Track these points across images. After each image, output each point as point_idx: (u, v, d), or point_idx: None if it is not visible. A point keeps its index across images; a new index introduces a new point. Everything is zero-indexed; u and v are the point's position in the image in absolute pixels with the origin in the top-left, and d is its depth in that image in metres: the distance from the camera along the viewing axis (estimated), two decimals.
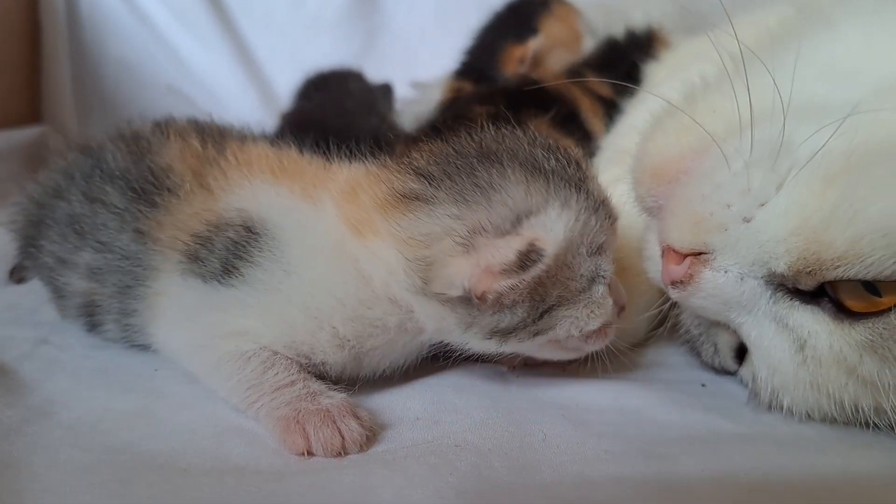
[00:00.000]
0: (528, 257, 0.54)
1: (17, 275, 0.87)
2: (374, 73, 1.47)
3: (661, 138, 0.61)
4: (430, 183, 0.59)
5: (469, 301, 0.56)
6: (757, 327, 0.56)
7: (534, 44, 1.18)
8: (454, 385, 0.67)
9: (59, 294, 0.71)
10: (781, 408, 0.57)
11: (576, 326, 0.59)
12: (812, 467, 0.53)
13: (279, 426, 0.55)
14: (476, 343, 0.60)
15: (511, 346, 0.60)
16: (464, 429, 0.59)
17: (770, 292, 0.54)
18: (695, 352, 0.67)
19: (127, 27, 1.64)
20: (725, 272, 0.55)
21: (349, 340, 0.60)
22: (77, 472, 0.51)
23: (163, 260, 0.63)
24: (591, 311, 0.59)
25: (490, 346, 0.60)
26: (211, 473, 0.51)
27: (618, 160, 0.83)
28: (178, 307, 0.62)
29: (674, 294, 0.59)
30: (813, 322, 0.53)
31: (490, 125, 0.63)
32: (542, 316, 0.58)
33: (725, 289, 0.55)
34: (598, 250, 0.59)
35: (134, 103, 1.58)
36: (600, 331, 0.61)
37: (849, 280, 0.50)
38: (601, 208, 0.59)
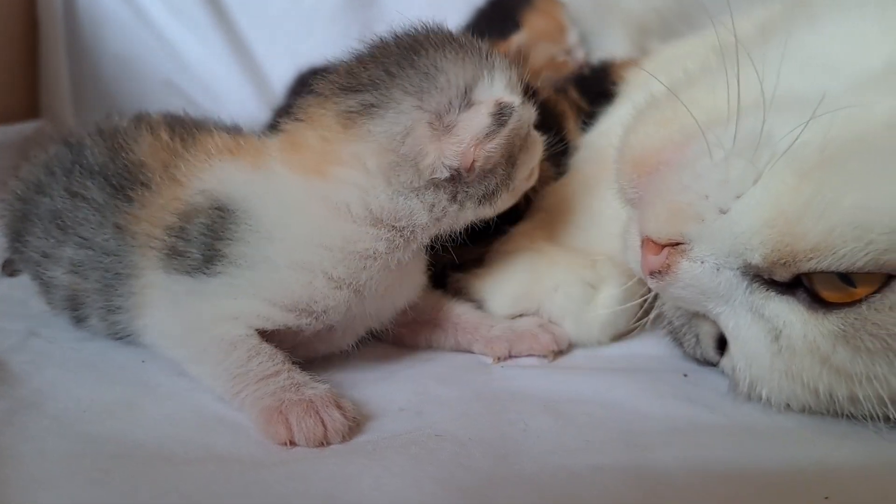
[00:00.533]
0: (501, 115, 0.60)
1: (10, 268, 0.87)
2: None
3: (643, 129, 0.61)
4: (376, 88, 0.61)
5: (457, 177, 0.62)
6: (734, 318, 0.57)
7: (517, 39, 1.17)
8: (438, 376, 0.68)
9: (45, 287, 0.71)
10: (760, 398, 0.57)
11: (527, 166, 0.68)
12: (788, 457, 0.54)
13: (262, 416, 0.56)
14: (469, 216, 0.65)
15: (497, 206, 0.67)
16: (445, 419, 0.59)
17: (746, 283, 0.55)
18: (677, 343, 0.68)
19: (124, 22, 1.64)
20: (702, 263, 0.55)
21: (345, 280, 0.62)
22: (62, 461, 0.52)
23: (142, 257, 0.63)
24: (534, 150, 0.68)
25: (481, 213, 0.66)
26: (193, 462, 0.52)
27: (595, 159, 0.84)
28: (165, 301, 0.63)
29: (652, 284, 0.59)
30: (788, 312, 0.53)
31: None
32: (513, 166, 0.66)
33: (702, 279, 0.56)
34: (522, 99, 0.65)
35: (131, 98, 1.58)
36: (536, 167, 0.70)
37: (823, 272, 0.50)
38: (511, 63, 0.66)
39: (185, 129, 0.70)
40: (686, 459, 0.53)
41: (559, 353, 0.73)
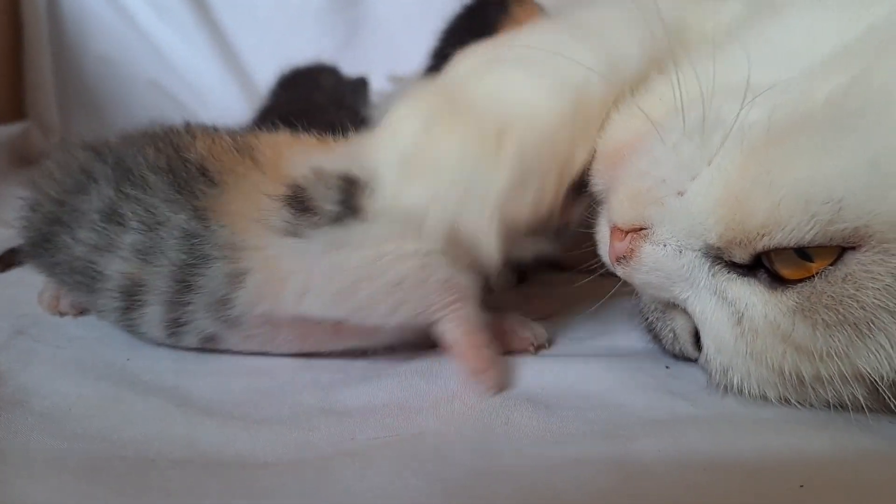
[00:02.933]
0: None
1: (3, 263, 0.87)
2: (358, 65, 1.47)
3: (613, 125, 0.63)
4: None
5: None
6: (700, 302, 0.58)
7: None
8: (421, 370, 0.68)
9: (90, 282, 0.68)
10: (732, 386, 0.58)
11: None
12: (766, 448, 0.55)
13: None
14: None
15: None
16: (428, 414, 0.60)
17: (708, 265, 0.56)
18: (655, 339, 0.69)
19: (108, 22, 1.64)
20: (664, 245, 0.57)
21: None
22: (47, 459, 0.52)
23: (244, 234, 0.63)
24: None
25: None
26: (178, 462, 0.52)
27: None
28: (304, 268, 0.63)
29: (619, 271, 0.61)
30: (749, 294, 0.54)
31: None
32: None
33: (665, 262, 0.57)
34: None
35: (116, 99, 1.59)
36: None
37: (777, 249, 0.51)
38: None
39: (238, 133, 0.71)
40: (665, 450, 0.54)
41: (540, 346, 0.74)
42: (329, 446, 0.55)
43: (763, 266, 0.54)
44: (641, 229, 0.58)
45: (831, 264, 0.50)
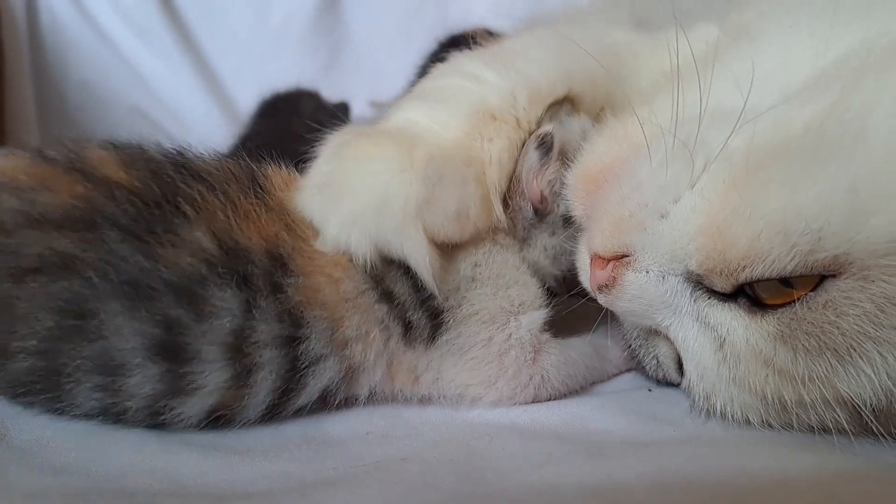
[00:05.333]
0: (543, 145, 0.67)
1: None
2: (339, 89, 1.48)
3: (594, 148, 0.64)
4: None
5: (542, 213, 0.69)
6: (683, 329, 0.58)
7: None
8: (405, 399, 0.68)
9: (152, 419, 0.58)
10: (715, 411, 0.58)
11: None
12: (746, 469, 0.55)
13: None
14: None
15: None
16: (412, 441, 0.60)
17: (690, 290, 0.56)
18: (638, 366, 0.69)
19: (89, 48, 1.63)
20: (647, 272, 0.56)
21: None
22: (26, 493, 0.51)
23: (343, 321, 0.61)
24: None
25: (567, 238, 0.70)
26: (159, 496, 0.52)
27: None
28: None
29: (601, 299, 0.61)
30: (730, 319, 0.54)
31: None
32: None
33: (648, 289, 0.57)
34: (564, 119, 0.72)
35: (98, 125, 1.58)
36: None
37: (759, 280, 0.51)
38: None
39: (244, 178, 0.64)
40: (647, 474, 0.54)
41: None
42: (311, 475, 0.55)
43: (744, 292, 0.54)
44: (624, 256, 0.57)
45: (812, 290, 0.50)
